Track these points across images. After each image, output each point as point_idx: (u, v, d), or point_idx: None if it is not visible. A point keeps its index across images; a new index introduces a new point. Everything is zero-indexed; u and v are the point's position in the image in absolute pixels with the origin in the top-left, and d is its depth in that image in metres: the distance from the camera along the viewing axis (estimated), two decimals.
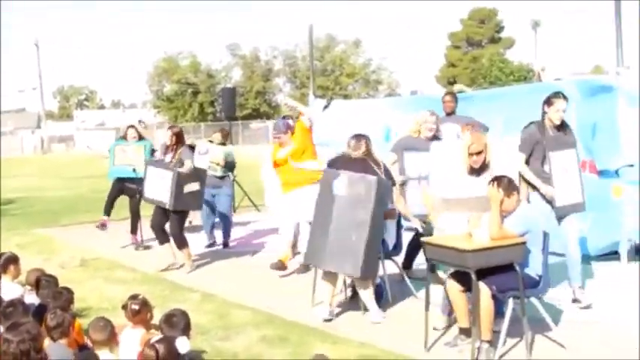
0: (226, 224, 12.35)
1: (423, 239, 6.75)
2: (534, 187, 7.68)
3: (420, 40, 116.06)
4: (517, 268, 6.16)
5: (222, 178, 12.23)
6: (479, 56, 66.79)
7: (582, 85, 10.13)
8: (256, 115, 63.23)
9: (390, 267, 8.50)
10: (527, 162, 7.79)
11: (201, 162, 11.55)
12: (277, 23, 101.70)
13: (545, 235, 6.53)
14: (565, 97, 7.71)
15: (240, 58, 67.30)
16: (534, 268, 6.45)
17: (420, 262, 8.66)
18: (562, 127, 7.81)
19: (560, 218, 7.73)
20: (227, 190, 12.49)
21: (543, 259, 6.50)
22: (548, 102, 7.75)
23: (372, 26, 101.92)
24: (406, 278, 8.61)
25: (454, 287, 6.44)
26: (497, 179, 6.43)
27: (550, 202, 7.67)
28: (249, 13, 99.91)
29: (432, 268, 7.28)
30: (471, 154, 7.10)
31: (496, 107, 10.81)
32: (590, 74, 38.85)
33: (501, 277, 6.16)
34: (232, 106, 20.71)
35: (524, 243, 6.25)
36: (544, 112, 7.78)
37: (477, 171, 7.13)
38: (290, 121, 9.96)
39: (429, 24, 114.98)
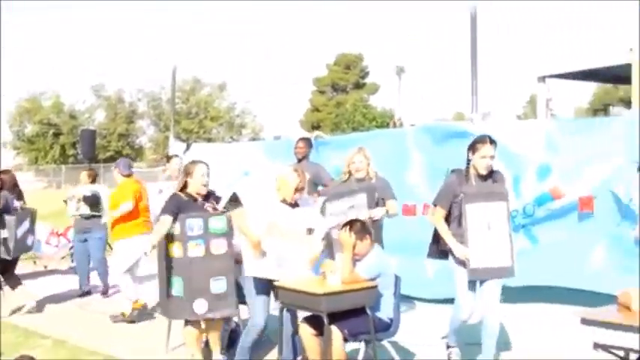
0: (102, 270, 11.70)
1: (275, 283, 6.72)
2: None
3: (285, 84, 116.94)
4: (368, 311, 6.22)
5: (89, 218, 11.59)
6: (343, 101, 67.80)
7: (434, 130, 10.42)
8: (119, 157, 62.01)
9: None
10: (447, 217, 6.98)
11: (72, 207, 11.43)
12: (143, 65, 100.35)
13: (397, 278, 6.65)
14: (493, 142, 6.78)
15: (104, 99, 66.16)
16: (386, 312, 6.52)
17: None
18: (490, 176, 6.88)
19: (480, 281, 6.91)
20: (98, 234, 11.70)
21: (395, 302, 6.60)
22: (472, 148, 6.82)
23: (238, 69, 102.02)
24: None
25: (307, 331, 6.42)
26: (350, 223, 6.51)
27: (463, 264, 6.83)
28: (115, 53, 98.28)
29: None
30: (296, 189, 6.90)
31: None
32: (451, 120, 40.09)
33: (353, 320, 6.21)
34: (92, 149, 20.20)
35: (375, 287, 6.33)
36: (468, 160, 6.86)
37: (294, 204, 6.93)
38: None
39: (294, 68, 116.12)
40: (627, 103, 31.28)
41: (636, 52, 16.08)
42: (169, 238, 7.07)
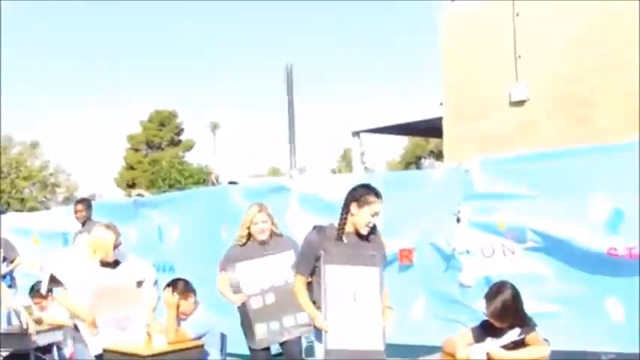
0: None
1: (102, 347, 6.48)
2: None
3: (99, 142, 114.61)
4: None
5: None
6: (159, 159, 67.17)
7: (249, 189, 10.46)
8: None
9: None
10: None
11: None
12: None
13: (223, 336, 6.64)
14: (380, 197, 5.63)
15: None
16: None
17: None
18: (367, 237, 5.63)
19: None
20: None
21: (222, 359, 6.59)
22: (358, 200, 5.50)
23: (50, 127, 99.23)
24: None
25: None
26: (172, 283, 6.46)
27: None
28: None
29: None
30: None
31: (178, 210, 10.91)
32: (267, 176, 40.43)
33: None
34: None
35: (202, 346, 6.30)
36: (348, 213, 5.54)
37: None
38: None
39: (108, 126, 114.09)
40: (438, 155, 32.74)
41: (443, 107, 16.90)
42: None
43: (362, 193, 5.51)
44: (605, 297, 7.76)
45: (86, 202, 10.72)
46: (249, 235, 7.08)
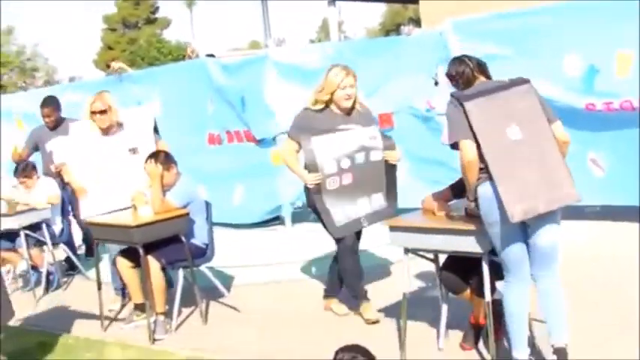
0: None
1: (87, 220, 6.75)
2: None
3: (75, 23, 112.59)
4: (183, 239, 6.31)
5: None
6: (136, 38, 66.27)
7: (227, 65, 10.39)
8: None
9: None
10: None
11: None
12: None
13: (208, 204, 6.74)
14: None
15: None
16: (200, 238, 6.63)
17: None
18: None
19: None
20: None
21: (208, 227, 6.71)
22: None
23: (24, 13, 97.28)
24: (73, 258, 8.59)
25: (124, 264, 6.45)
26: (154, 155, 6.50)
27: None
28: None
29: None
30: (93, 112, 6.90)
31: (156, 85, 10.88)
32: (248, 50, 40.10)
33: (169, 249, 6.27)
34: None
35: (187, 214, 6.40)
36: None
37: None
38: None
39: (81, 6, 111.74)
40: (417, 21, 32.32)
41: None
42: None
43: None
44: (586, 152, 7.93)
45: (53, 103, 9.03)
46: (328, 102, 6.03)
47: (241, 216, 10.02)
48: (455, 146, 4.54)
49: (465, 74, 4.78)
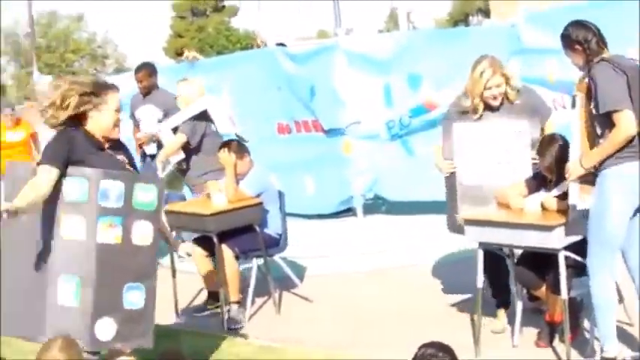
0: None
1: (165, 207, 6.34)
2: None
3: (144, 11, 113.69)
4: (257, 228, 6.34)
5: None
6: (204, 25, 66.70)
7: (296, 54, 10.38)
8: None
9: None
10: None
11: None
12: None
13: (281, 193, 6.76)
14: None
15: None
16: (274, 227, 6.67)
17: None
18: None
19: None
20: None
21: (281, 217, 6.74)
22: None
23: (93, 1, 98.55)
24: None
25: (198, 253, 6.50)
26: (227, 144, 6.53)
27: None
28: None
29: None
30: None
31: (225, 74, 10.91)
32: (316, 39, 39.98)
33: (243, 238, 6.32)
34: None
35: (260, 203, 6.43)
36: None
37: None
38: None
39: None
40: (485, 12, 31.96)
41: None
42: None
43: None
44: None
45: (149, 69, 8.84)
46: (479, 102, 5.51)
47: (313, 207, 9.99)
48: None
49: (592, 43, 4.57)
